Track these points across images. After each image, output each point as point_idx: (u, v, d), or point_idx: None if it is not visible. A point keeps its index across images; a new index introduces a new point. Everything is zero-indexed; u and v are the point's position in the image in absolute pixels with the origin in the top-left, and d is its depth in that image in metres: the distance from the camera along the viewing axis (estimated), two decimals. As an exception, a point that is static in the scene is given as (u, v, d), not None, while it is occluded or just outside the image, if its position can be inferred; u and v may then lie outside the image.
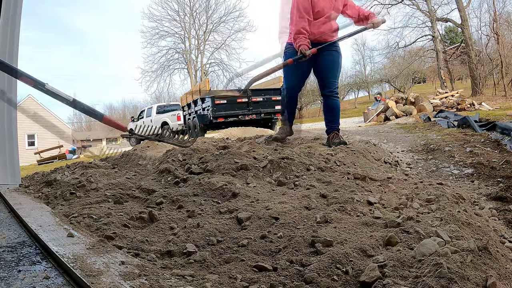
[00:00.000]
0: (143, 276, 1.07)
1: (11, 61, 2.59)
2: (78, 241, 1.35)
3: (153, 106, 16.56)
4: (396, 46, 21.23)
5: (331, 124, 3.36)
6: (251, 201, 1.81)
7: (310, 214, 1.58)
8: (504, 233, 1.78)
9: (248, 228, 1.49)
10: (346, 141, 3.10)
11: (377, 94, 19.11)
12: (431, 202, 1.83)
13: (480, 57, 17.91)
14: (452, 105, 10.17)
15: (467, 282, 0.94)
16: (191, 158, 2.62)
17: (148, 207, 1.86)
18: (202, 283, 1.08)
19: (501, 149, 3.65)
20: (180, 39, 33.64)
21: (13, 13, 2.54)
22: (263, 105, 10.76)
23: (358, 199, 1.80)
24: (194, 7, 33.33)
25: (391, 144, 4.75)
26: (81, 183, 2.17)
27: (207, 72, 33.43)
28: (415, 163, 3.69)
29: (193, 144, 2.53)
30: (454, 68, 22.72)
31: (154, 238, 1.47)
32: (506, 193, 2.40)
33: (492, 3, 16.66)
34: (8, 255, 1.29)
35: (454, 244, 1.16)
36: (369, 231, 1.39)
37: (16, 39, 2.60)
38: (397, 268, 1.06)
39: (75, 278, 1.05)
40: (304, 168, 2.38)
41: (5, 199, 2.07)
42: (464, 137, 4.36)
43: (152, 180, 2.28)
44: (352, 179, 2.25)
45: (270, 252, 1.28)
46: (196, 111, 12.26)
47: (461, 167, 3.32)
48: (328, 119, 3.39)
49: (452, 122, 5.70)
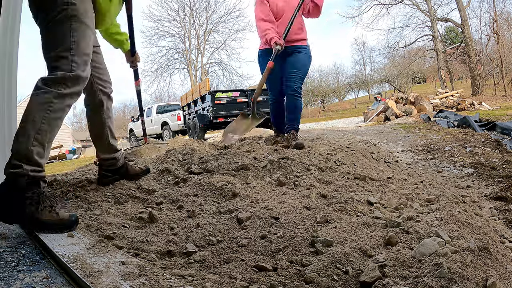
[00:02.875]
0: (143, 276, 1.07)
1: (11, 60, 2.59)
2: (78, 241, 1.35)
3: (153, 106, 16.55)
4: (396, 46, 21.25)
5: (290, 123, 3.34)
6: (251, 201, 1.81)
7: (310, 214, 1.58)
8: (504, 233, 1.79)
9: (248, 228, 1.49)
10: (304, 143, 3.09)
11: (377, 94, 19.11)
12: (431, 202, 1.83)
13: (480, 57, 17.91)
14: (452, 105, 10.18)
15: (467, 282, 0.94)
16: (191, 158, 2.62)
17: (148, 207, 1.86)
18: (202, 283, 1.08)
19: (501, 149, 3.65)
20: (180, 39, 33.68)
21: (13, 13, 2.54)
22: (263, 105, 10.77)
23: (358, 199, 1.80)
24: (194, 7, 33.36)
25: (391, 144, 4.75)
26: (81, 183, 2.17)
27: (207, 72, 33.44)
28: (415, 163, 3.69)
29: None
30: (454, 68, 22.70)
31: (154, 238, 1.47)
32: (506, 193, 2.40)
33: (492, 3, 16.66)
34: (8, 255, 1.29)
35: (454, 244, 1.16)
36: (369, 231, 1.39)
37: (16, 38, 2.60)
38: (397, 268, 1.06)
39: (75, 278, 1.05)
40: (304, 168, 2.38)
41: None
42: (464, 137, 4.36)
43: (152, 180, 2.28)
44: (352, 179, 2.25)
45: (270, 252, 1.28)
46: (196, 111, 12.26)
47: (461, 167, 3.32)
48: (288, 118, 3.37)
49: (452, 122, 5.71)
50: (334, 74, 41.08)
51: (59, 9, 1.54)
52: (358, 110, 26.42)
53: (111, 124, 2.12)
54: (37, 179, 1.46)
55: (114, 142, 2.16)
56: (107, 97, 2.07)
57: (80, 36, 1.58)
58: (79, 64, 1.57)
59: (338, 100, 39.97)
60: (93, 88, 1.99)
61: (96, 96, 2.01)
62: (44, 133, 1.46)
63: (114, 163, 2.18)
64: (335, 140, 4.33)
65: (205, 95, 11.48)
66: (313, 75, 38.97)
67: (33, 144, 1.43)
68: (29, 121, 1.44)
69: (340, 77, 40.60)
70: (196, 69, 33.88)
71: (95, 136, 2.11)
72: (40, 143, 1.46)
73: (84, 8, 1.61)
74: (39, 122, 1.45)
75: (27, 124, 1.44)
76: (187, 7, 33.42)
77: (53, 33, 1.56)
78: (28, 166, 1.43)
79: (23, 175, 1.42)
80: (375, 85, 36.72)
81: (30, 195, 1.43)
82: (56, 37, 1.55)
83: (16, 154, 1.43)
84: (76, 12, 1.57)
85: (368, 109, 12.24)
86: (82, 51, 1.59)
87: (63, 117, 1.56)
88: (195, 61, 34.06)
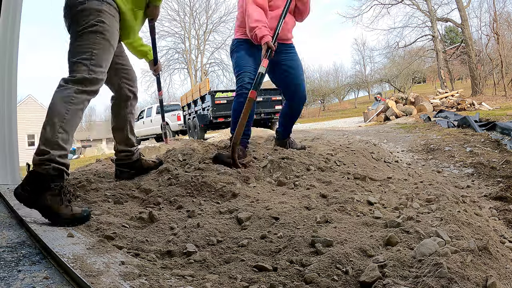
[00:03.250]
0: (143, 276, 1.07)
1: (11, 60, 2.59)
2: (78, 241, 1.35)
3: (153, 106, 16.55)
4: (396, 46, 21.25)
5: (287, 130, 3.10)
6: (251, 201, 1.81)
7: (310, 214, 1.58)
8: (504, 233, 1.79)
9: (248, 228, 1.49)
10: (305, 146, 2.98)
11: (377, 94, 19.11)
12: (431, 202, 1.83)
13: (480, 57, 17.92)
14: (452, 105, 10.17)
15: (467, 282, 0.94)
16: (191, 158, 2.62)
17: (148, 207, 1.86)
18: (202, 283, 1.08)
19: (501, 149, 3.65)
20: (180, 39, 33.70)
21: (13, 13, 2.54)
22: (263, 105, 10.76)
23: (358, 199, 1.80)
24: (194, 7, 33.39)
25: (391, 144, 4.75)
26: (81, 183, 2.17)
27: (207, 72, 33.45)
28: (415, 163, 3.69)
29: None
30: (454, 68, 22.70)
31: (154, 238, 1.47)
32: (506, 193, 2.40)
33: (492, 3, 16.68)
34: (8, 255, 1.29)
35: (454, 244, 1.15)
36: (369, 231, 1.39)
37: (16, 38, 2.60)
38: (397, 268, 1.06)
39: (75, 278, 1.05)
40: (304, 168, 2.38)
41: (5, 199, 2.07)
42: (464, 137, 4.36)
43: (152, 180, 2.28)
44: (352, 179, 2.25)
45: (270, 252, 1.28)
46: (196, 111, 12.25)
47: (461, 167, 3.32)
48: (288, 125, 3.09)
49: (452, 122, 5.71)
50: (334, 74, 41.09)
51: (90, 24, 1.77)
52: (358, 110, 26.42)
53: (132, 120, 2.31)
54: (61, 170, 1.63)
55: (132, 137, 2.34)
56: (133, 95, 2.26)
57: (102, 50, 1.79)
58: (96, 72, 1.77)
59: (338, 100, 39.97)
60: (120, 86, 2.18)
61: (122, 93, 2.20)
62: (68, 122, 1.66)
63: (129, 156, 2.34)
64: (335, 140, 4.33)
65: (205, 95, 11.47)
66: (313, 75, 39.01)
67: (59, 131, 1.63)
68: (54, 114, 1.64)
69: (340, 77, 40.60)
70: (196, 69, 33.91)
71: (116, 129, 2.29)
72: (65, 131, 1.65)
73: (110, 26, 1.83)
74: (63, 113, 1.65)
75: (52, 116, 1.64)
76: (187, 7, 33.49)
77: (79, 43, 1.77)
78: (55, 151, 1.61)
79: (50, 160, 1.59)
80: (375, 85, 36.73)
81: (53, 187, 1.59)
82: (81, 46, 1.77)
83: (45, 141, 1.61)
84: (103, 29, 1.79)
85: (368, 109, 12.24)
86: (100, 63, 1.79)
87: (84, 109, 1.75)
88: (195, 61, 34.10)
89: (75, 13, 1.80)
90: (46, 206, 1.58)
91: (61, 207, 1.59)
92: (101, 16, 1.79)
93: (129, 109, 2.27)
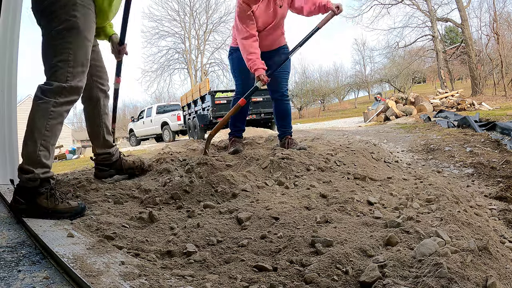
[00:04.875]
0: (143, 276, 1.07)
1: (11, 60, 2.59)
2: (78, 241, 1.35)
3: (153, 106, 16.53)
4: (396, 46, 21.25)
5: (284, 129, 3.19)
6: (251, 201, 1.81)
7: (310, 214, 1.58)
8: (504, 233, 1.79)
9: (248, 228, 1.49)
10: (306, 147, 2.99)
11: (377, 94, 19.12)
12: (431, 202, 1.83)
13: (480, 57, 17.91)
14: (452, 105, 10.18)
15: (467, 282, 0.94)
16: (191, 158, 2.62)
17: (148, 207, 1.86)
18: (202, 283, 1.08)
19: (501, 149, 3.65)
20: (180, 39, 33.69)
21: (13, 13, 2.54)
22: (263, 105, 10.75)
23: (358, 199, 1.80)
24: (194, 7, 33.37)
25: (391, 144, 4.75)
26: (81, 183, 2.16)
27: (207, 72, 33.44)
28: (415, 163, 3.69)
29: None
30: (454, 68, 22.71)
31: (154, 238, 1.47)
32: (506, 193, 2.40)
33: (492, 3, 16.68)
34: (8, 255, 1.29)
35: (454, 244, 1.16)
36: (369, 231, 1.39)
37: (16, 38, 2.60)
38: (397, 268, 1.06)
39: (75, 278, 1.05)
40: (304, 168, 2.38)
41: (5, 199, 2.07)
42: (464, 137, 4.36)
43: (152, 180, 2.28)
44: (352, 179, 2.25)
45: (270, 252, 1.28)
46: (196, 111, 12.25)
47: (461, 167, 3.32)
48: (281, 124, 3.20)
49: (452, 122, 5.71)
50: (334, 74, 41.13)
51: (61, 20, 1.64)
52: (358, 110, 26.42)
53: (107, 120, 2.24)
54: (47, 178, 1.67)
55: (109, 137, 2.27)
56: (104, 94, 2.17)
57: (78, 48, 1.69)
58: (75, 75, 1.68)
59: (338, 100, 39.98)
60: (91, 86, 2.07)
61: (93, 93, 2.11)
62: (48, 138, 1.66)
63: (108, 158, 2.30)
64: (335, 140, 4.33)
65: (205, 95, 11.46)
66: (313, 75, 39.07)
67: (40, 149, 1.63)
68: (34, 130, 1.63)
69: (340, 77, 40.64)
70: (196, 69, 33.91)
71: (91, 131, 2.23)
72: (45, 148, 1.65)
73: (84, 20, 1.70)
74: (43, 129, 1.63)
75: (32, 132, 1.63)
76: (187, 7, 33.46)
77: (53, 43, 1.66)
78: (38, 169, 1.64)
79: (35, 179, 1.63)
80: (375, 85, 36.74)
81: (44, 190, 1.64)
82: (55, 47, 1.66)
83: (27, 160, 1.63)
84: (76, 24, 1.67)
85: (368, 109, 12.25)
86: (78, 62, 1.70)
87: (63, 120, 1.72)
88: (195, 61, 34.09)
89: (46, 6, 1.65)
90: (45, 210, 1.63)
91: (58, 205, 1.65)
92: (75, 9, 1.65)
93: (102, 110, 2.18)
